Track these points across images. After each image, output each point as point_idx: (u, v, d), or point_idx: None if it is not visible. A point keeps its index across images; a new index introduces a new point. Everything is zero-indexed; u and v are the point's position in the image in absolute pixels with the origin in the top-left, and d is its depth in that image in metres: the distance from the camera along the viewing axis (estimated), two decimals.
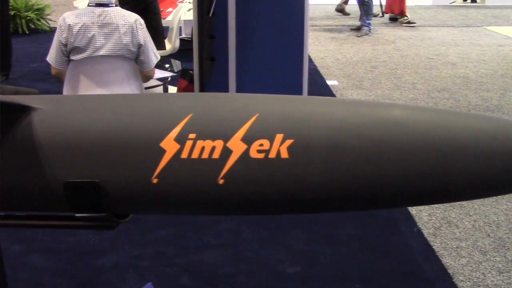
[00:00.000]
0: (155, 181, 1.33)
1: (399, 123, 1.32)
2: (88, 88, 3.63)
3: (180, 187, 1.34)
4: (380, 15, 10.61)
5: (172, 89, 4.93)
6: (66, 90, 3.72)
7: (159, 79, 4.81)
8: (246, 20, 4.41)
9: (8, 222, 1.55)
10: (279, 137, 1.31)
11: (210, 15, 4.14)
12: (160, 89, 4.72)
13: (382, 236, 3.26)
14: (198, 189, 1.33)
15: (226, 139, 1.31)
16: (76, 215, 1.43)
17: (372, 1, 9.40)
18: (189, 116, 1.34)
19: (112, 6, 3.57)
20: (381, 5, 10.47)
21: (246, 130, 1.31)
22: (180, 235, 3.23)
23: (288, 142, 1.31)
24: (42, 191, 1.39)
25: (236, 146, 1.31)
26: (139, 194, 1.36)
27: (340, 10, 11.40)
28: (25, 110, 1.40)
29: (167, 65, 5.96)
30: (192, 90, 4.57)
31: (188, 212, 1.48)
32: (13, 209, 1.53)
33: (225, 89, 4.41)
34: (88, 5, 3.57)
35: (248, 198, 1.35)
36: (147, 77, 3.82)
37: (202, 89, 4.22)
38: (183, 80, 4.88)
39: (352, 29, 9.80)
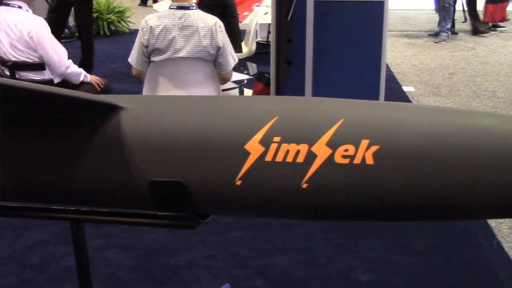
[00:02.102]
0: (238, 183, 1.34)
1: (489, 132, 1.27)
2: (167, 89, 3.69)
3: (263, 190, 1.33)
4: (463, 20, 10.31)
5: (248, 92, 4.96)
6: (145, 91, 3.80)
7: (235, 82, 4.84)
8: (324, 24, 4.39)
9: (94, 217, 1.60)
10: (364, 143, 1.29)
11: (289, 19, 4.14)
12: (236, 92, 4.76)
13: (460, 248, 3.17)
14: (281, 193, 1.33)
15: (311, 143, 1.30)
16: (160, 213, 1.45)
17: (452, 6, 9.16)
18: (274, 119, 1.33)
19: (193, 9, 3.62)
20: (464, 10, 10.17)
21: (332, 135, 1.30)
22: (253, 237, 3.25)
23: (374, 148, 1.28)
24: (128, 188, 1.42)
25: (321, 150, 1.29)
26: (222, 195, 1.37)
27: None
28: (114, 109, 1.43)
29: (243, 68, 6.01)
30: (267, 93, 4.58)
31: (269, 215, 1.48)
32: (98, 205, 1.57)
33: (301, 93, 4.40)
34: (170, 8, 3.64)
35: (331, 203, 1.34)
36: (224, 80, 3.85)
37: (278, 93, 4.22)
38: (259, 83, 4.91)
39: (430, 35, 9.59)
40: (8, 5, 4.19)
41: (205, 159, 1.35)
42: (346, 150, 1.29)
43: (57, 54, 4.23)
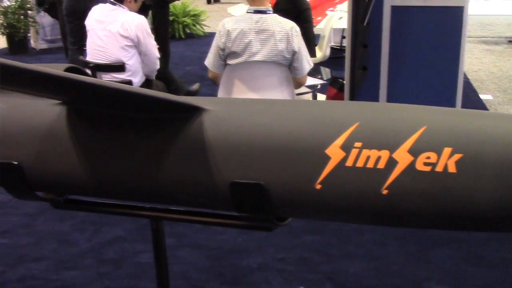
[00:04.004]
0: (318, 187, 1.34)
1: None
2: (242, 92, 3.74)
3: (342, 194, 1.33)
4: None
5: (321, 97, 4.95)
6: (220, 93, 3.86)
7: (308, 87, 4.84)
8: (400, 29, 4.33)
9: (175, 216, 1.64)
10: (447, 150, 1.27)
11: (365, 24, 4.11)
12: (309, 96, 4.76)
13: None
14: (361, 198, 1.33)
15: (392, 149, 1.29)
16: (239, 214, 1.47)
17: None
18: (356, 125, 1.34)
19: (269, 13, 3.65)
20: None
21: (414, 142, 1.29)
22: (325, 242, 3.24)
23: (457, 156, 1.26)
24: (209, 189, 1.45)
25: (402, 157, 1.29)
26: (301, 199, 1.38)
27: None
28: (197, 110, 1.47)
29: (316, 73, 6.00)
30: (341, 99, 4.56)
31: (347, 220, 1.47)
32: (179, 204, 1.60)
33: (375, 99, 4.35)
34: (247, 12, 3.68)
35: (411, 211, 1.32)
36: (299, 84, 3.86)
37: (352, 98, 4.20)
38: (333, 88, 4.89)
39: (510, 41, 9.30)
40: (114, 4, 4.39)
41: (286, 162, 1.36)
42: (428, 158, 1.27)
43: (156, 49, 4.46)
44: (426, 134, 1.29)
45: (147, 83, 4.58)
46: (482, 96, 6.37)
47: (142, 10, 6.67)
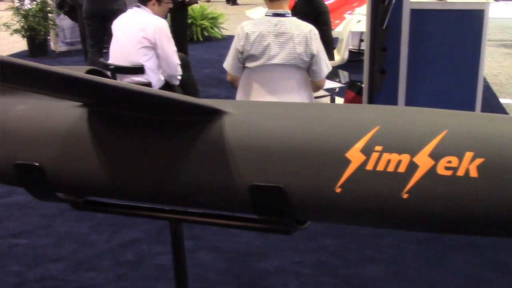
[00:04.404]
0: (338, 190, 1.34)
1: None
2: (260, 95, 3.74)
3: (363, 198, 1.33)
4: None
5: (339, 100, 4.94)
6: (239, 96, 3.86)
7: (326, 90, 4.83)
8: (419, 33, 4.31)
9: (194, 218, 1.64)
10: (468, 155, 1.26)
11: (384, 27, 4.09)
12: (327, 100, 4.75)
13: None
14: (381, 202, 1.32)
15: (413, 153, 1.29)
16: (258, 217, 1.47)
17: None
18: (376, 128, 1.33)
19: (288, 16, 3.65)
20: None
21: (435, 146, 1.28)
22: (342, 246, 3.23)
23: (479, 161, 1.25)
24: (228, 191, 1.45)
25: (423, 161, 1.28)
26: (321, 202, 1.37)
27: None
28: (217, 113, 1.47)
29: (334, 76, 5.98)
30: (359, 102, 4.55)
31: (367, 224, 1.47)
32: (198, 207, 1.61)
33: (393, 102, 4.34)
34: (266, 15, 3.69)
35: (431, 215, 1.32)
36: (317, 87, 3.86)
37: (370, 102, 4.18)
38: (351, 91, 4.88)
39: None
40: (139, 7, 4.43)
41: (306, 165, 1.36)
42: (449, 162, 1.27)
43: (176, 55, 4.42)
44: (447, 138, 1.29)
45: (167, 89, 4.58)
46: (502, 100, 6.32)
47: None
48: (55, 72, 1.24)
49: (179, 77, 4.56)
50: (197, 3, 8.48)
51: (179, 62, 4.48)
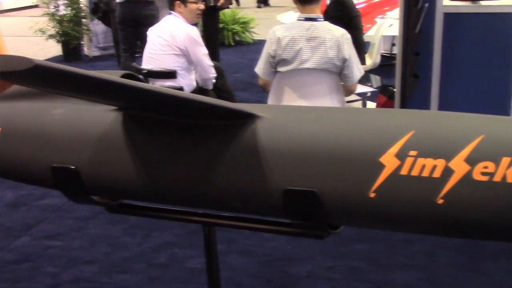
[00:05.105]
0: (372, 195, 1.33)
1: None
2: (291, 100, 3.74)
3: (397, 203, 1.32)
4: None
5: (371, 105, 4.91)
6: (270, 100, 3.87)
7: (358, 94, 4.82)
8: (453, 37, 4.26)
9: (228, 222, 1.65)
10: (506, 160, 1.25)
11: (417, 31, 4.06)
12: (359, 104, 4.73)
13: None
14: (415, 207, 1.31)
15: (448, 158, 1.28)
16: (292, 221, 1.47)
17: None
18: (411, 133, 1.32)
19: (320, 21, 3.64)
20: None
21: (471, 151, 1.27)
22: (374, 251, 3.21)
23: None
24: (262, 196, 1.46)
25: (459, 166, 1.27)
26: (354, 207, 1.37)
27: None
28: (251, 117, 1.48)
29: (366, 80, 5.96)
30: (391, 106, 4.51)
31: (401, 229, 1.46)
32: (231, 211, 1.62)
33: (426, 107, 4.29)
34: (298, 19, 3.69)
35: (467, 221, 1.30)
36: (349, 92, 3.84)
37: (403, 106, 4.15)
38: (383, 96, 4.84)
39: None
40: (170, 13, 4.53)
41: (340, 170, 1.36)
42: (486, 167, 1.25)
43: (207, 57, 4.48)
44: (484, 143, 1.27)
45: (201, 94, 4.62)
46: None
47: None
48: (92, 76, 1.26)
49: (213, 80, 4.61)
50: (228, 8, 8.53)
51: (211, 63, 4.53)
